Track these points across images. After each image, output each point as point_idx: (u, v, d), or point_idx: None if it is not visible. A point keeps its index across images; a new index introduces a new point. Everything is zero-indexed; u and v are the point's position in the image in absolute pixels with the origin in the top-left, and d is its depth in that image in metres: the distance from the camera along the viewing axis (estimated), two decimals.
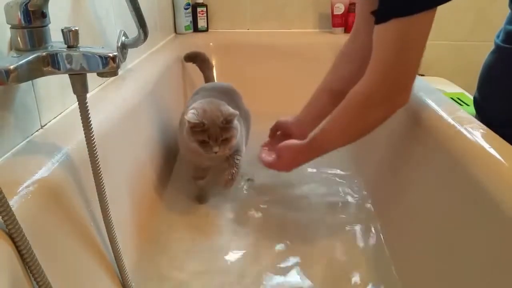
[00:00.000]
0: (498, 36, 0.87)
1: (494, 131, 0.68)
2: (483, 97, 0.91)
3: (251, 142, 1.11)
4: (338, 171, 1.15)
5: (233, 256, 0.85)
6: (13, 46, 0.56)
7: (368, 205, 0.99)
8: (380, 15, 0.68)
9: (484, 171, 0.59)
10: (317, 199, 1.04)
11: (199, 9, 1.62)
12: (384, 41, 0.69)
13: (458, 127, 0.71)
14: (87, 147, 0.58)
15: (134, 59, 1.11)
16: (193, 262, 0.84)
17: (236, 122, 0.90)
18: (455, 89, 1.44)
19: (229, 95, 1.06)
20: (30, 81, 0.63)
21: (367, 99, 0.74)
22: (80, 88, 0.56)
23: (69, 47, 0.55)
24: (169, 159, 1.13)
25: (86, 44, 0.57)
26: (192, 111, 0.86)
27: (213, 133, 0.85)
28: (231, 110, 0.88)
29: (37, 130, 0.65)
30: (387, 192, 0.96)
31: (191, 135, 0.86)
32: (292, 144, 0.90)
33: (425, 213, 0.76)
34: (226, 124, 0.87)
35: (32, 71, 0.54)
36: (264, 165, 0.95)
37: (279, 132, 1.05)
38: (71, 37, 0.54)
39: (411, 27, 0.66)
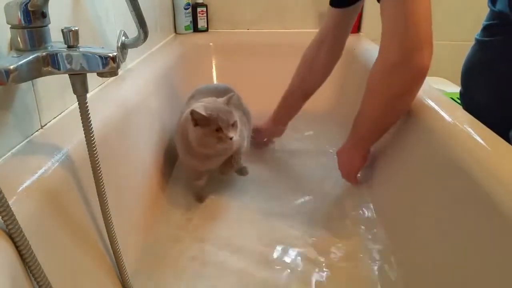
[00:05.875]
0: (478, 35, 0.95)
1: (480, 121, 0.72)
2: (466, 88, 0.96)
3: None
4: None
5: (233, 255, 0.86)
6: (13, 46, 0.56)
7: (370, 205, 0.99)
8: None
9: (484, 171, 0.59)
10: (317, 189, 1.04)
11: (199, 9, 1.62)
12: (392, 11, 0.74)
13: (458, 127, 0.71)
14: (87, 147, 0.58)
15: (134, 59, 1.12)
16: (194, 262, 0.84)
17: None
18: (455, 89, 1.43)
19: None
20: (30, 81, 0.63)
21: (389, 66, 0.76)
22: (80, 88, 0.56)
23: (69, 47, 0.55)
24: (169, 158, 1.13)
25: (86, 44, 0.57)
26: (198, 105, 0.88)
27: (224, 119, 0.86)
28: (227, 95, 0.93)
29: (37, 130, 0.65)
30: (387, 192, 0.96)
31: (202, 127, 0.87)
32: (340, 148, 0.98)
33: (424, 213, 0.76)
34: (228, 106, 0.91)
35: (32, 71, 0.54)
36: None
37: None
38: (71, 37, 0.54)
39: None
